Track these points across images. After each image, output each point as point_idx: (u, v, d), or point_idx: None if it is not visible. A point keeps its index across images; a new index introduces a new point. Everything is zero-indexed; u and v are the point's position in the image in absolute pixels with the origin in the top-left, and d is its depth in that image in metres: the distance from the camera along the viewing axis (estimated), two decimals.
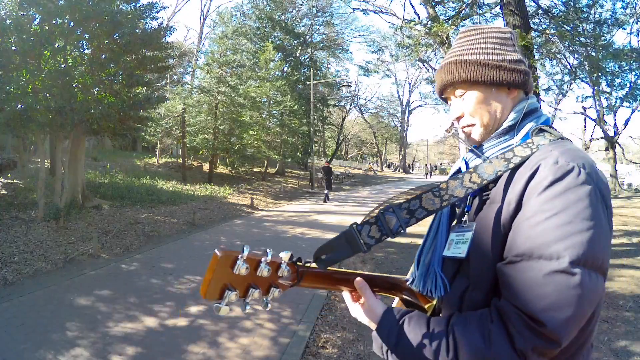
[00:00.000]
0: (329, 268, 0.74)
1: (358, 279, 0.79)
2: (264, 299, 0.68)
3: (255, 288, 0.65)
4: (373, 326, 0.76)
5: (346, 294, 0.85)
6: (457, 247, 0.77)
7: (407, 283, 0.87)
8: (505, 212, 0.68)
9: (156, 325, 3.35)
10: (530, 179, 0.66)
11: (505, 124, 0.79)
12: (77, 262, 5.18)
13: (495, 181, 0.73)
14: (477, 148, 0.83)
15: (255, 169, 20.49)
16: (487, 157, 0.79)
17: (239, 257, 0.62)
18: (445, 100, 0.89)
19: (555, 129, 0.76)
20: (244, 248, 0.63)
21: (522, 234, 0.64)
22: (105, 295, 4.03)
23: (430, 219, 0.83)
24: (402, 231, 0.69)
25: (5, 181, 9.24)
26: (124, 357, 2.84)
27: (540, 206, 0.63)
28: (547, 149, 0.69)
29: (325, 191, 14.13)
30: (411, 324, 0.71)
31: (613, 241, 7.43)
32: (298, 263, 0.72)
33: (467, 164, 0.86)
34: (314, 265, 0.72)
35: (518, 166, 0.71)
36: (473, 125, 0.82)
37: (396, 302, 0.95)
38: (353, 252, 0.70)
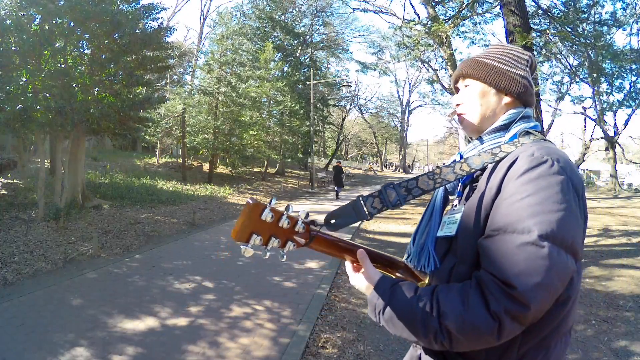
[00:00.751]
0: (336, 236, 0.87)
1: (360, 249, 0.89)
2: (281, 251, 0.80)
3: (276, 238, 0.76)
4: (370, 291, 0.86)
5: (348, 264, 0.95)
6: (449, 227, 0.88)
7: (404, 259, 0.98)
8: (487, 196, 0.79)
9: (156, 325, 3.35)
10: (509, 168, 0.77)
11: (499, 123, 0.91)
12: (77, 262, 5.18)
13: (482, 171, 0.86)
14: (479, 140, 0.95)
15: (255, 169, 20.50)
16: (483, 148, 0.91)
17: (267, 206, 0.74)
18: (457, 90, 1.02)
19: (541, 133, 0.88)
20: (272, 199, 0.76)
21: (499, 211, 0.74)
22: (105, 295, 4.03)
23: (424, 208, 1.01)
24: (400, 204, 0.81)
25: (5, 181, 9.24)
26: (124, 357, 2.84)
27: (516, 189, 0.73)
28: (528, 146, 0.81)
29: (336, 188, 15.06)
30: (402, 287, 0.80)
31: (613, 241, 7.43)
32: (312, 226, 0.82)
33: (461, 156, 0.96)
34: (324, 229, 0.83)
35: (502, 159, 0.82)
36: (465, 113, 0.96)
37: None
38: (358, 218, 0.82)
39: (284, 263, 5.42)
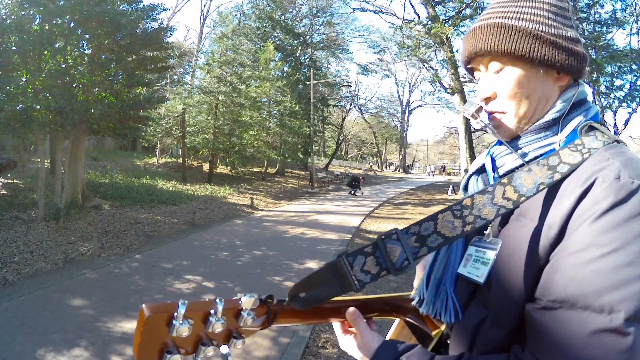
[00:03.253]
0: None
1: (351, 309, 0.65)
2: (226, 349, 0.51)
3: (208, 344, 0.50)
4: None
5: (336, 325, 0.70)
6: (476, 267, 0.61)
7: (413, 303, 0.72)
8: (544, 237, 0.53)
9: None
10: (581, 198, 0.50)
11: (548, 117, 0.62)
12: (77, 262, 5.18)
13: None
14: (509, 142, 0.65)
15: (255, 169, 20.50)
16: (525, 154, 0.62)
17: (174, 315, 0.48)
18: (471, 71, 0.70)
19: (608, 128, 0.62)
20: (179, 306, 0.47)
21: (565, 272, 0.49)
22: (105, 295, 4.03)
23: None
24: (408, 265, 0.52)
25: (5, 181, 9.24)
26: (124, 357, 2.84)
27: (595, 238, 0.48)
28: (604, 157, 0.53)
29: (351, 190, 16.51)
30: None
31: None
32: (269, 300, 0.57)
33: (493, 161, 0.69)
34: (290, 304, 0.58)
35: (565, 177, 0.54)
36: (504, 112, 0.64)
37: (397, 323, 0.84)
38: (341, 290, 0.54)
39: (284, 263, 5.43)
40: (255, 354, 2.94)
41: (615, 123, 18.22)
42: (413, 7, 15.91)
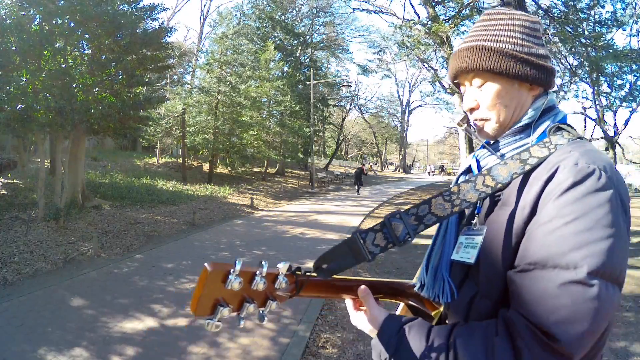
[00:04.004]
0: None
1: (362, 287, 0.76)
2: (260, 311, 0.64)
3: (250, 302, 0.61)
4: (374, 334, 0.73)
5: (348, 302, 0.81)
6: (466, 251, 0.72)
7: (415, 289, 0.82)
8: (518, 216, 0.64)
9: (156, 325, 3.35)
10: (547, 182, 0.62)
11: (522, 122, 0.74)
12: (77, 262, 5.18)
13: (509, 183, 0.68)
14: (490, 145, 0.78)
15: (255, 169, 20.50)
16: (503, 155, 0.74)
17: (231, 271, 0.58)
18: (458, 85, 0.82)
19: (573, 128, 0.72)
20: (237, 261, 0.58)
21: (536, 240, 0.60)
22: (105, 295, 4.03)
23: None
24: (410, 239, 0.64)
25: (5, 181, 9.24)
26: (124, 357, 2.84)
27: (558, 211, 0.59)
28: (566, 150, 0.65)
29: (356, 187, 17.17)
30: (411, 333, 0.67)
31: None
32: (297, 272, 0.68)
33: (478, 162, 0.80)
34: (314, 274, 0.69)
35: (534, 168, 0.66)
36: (487, 120, 0.76)
37: (401, 308, 0.93)
38: (356, 261, 0.65)
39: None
40: (255, 354, 2.94)
41: (615, 123, 18.21)
42: (413, 7, 15.91)
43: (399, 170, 43.09)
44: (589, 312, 0.54)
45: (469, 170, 0.82)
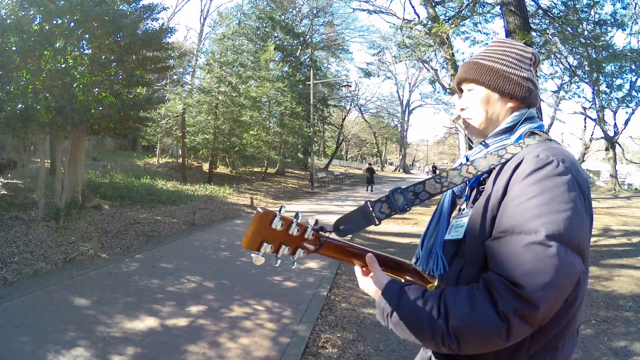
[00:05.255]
0: (345, 241, 0.90)
1: (369, 254, 0.90)
2: (291, 258, 0.82)
3: (286, 246, 0.78)
4: (378, 295, 0.86)
5: (357, 268, 0.95)
6: (456, 230, 0.88)
7: (412, 262, 0.99)
8: (493, 197, 0.79)
9: (156, 325, 3.35)
10: (515, 170, 0.77)
11: (504, 125, 0.91)
12: (77, 262, 5.18)
13: (488, 173, 0.85)
14: (484, 144, 0.96)
15: (255, 169, 20.50)
16: (489, 151, 0.91)
17: (277, 215, 0.76)
18: (460, 91, 1.01)
19: (546, 133, 0.87)
20: (282, 207, 0.78)
21: (506, 213, 0.74)
22: (105, 295, 4.03)
23: (433, 209, 1.02)
24: (408, 209, 0.83)
25: (5, 181, 9.24)
26: (124, 357, 2.84)
27: (522, 190, 0.73)
28: (533, 147, 0.81)
29: (367, 185, 18.45)
30: (410, 291, 0.80)
31: (613, 241, 7.42)
32: (321, 232, 0.84)
33: (467, 159, 0.96)
34: (333, 235, 0.86)
35: (507, 161, 0.82)
36: (470, 119, 0.96)
37: None
38: (366, 223, 0.84)
39: (283, 263, 5.41)
40: (255, 354, 2.94)
41: (615, 123, 18.19)
42: (413, 7, 15.91)
43: (399, 170, 43.07)
44: (550, 267, 0.66)
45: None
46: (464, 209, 0.93)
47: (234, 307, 3.82)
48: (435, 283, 0.93)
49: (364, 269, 0.94)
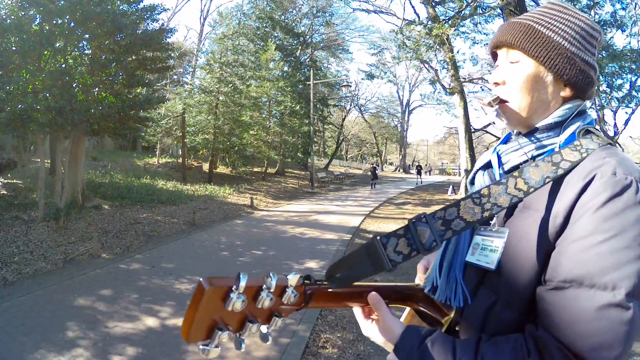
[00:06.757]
0: None
1: (373, 293, 0.68)
2: (265, 330, 0.55)
3: (254, 322, 0.53)
4: (389, 347, 0.67)
5: (357, 310, 0.73)
6: (485, 255, 0.67)
7: (425, 290, 0.76)
8: (551, 225, 0.60)
9: (156, 325, 3.35)
10: (583, 190, 0.58)
11: (551, 119, 0.69)
12: (77, 262, 5.18)
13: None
14: (527, 138, 0.72)
15: (255, 169, 20.50)
16: (529, 152, 0.70)
17: (233, 289, 0.49)
18: (494, 57, 0.77)
19: (602, 132, 0.69)
20: (240, 277, 0.49)
21: (572, 256, 0.56)
22: (105, 295, 4.03)
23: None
24: (436, 246, 0.58)
25: (5, 181, 9.24)
26: (124, 357, 2.84)
27: (596, 226, 0.55)
28: (600, 156, 0.61)
29: (372, 182, 20.19)
30: (434, 349, 0.61)
31: None
32: (306, 281, 0.60)
33: (499, 157, 0.75)
34: (325, 283, 0.62)
35: (567, 172, 0.61)
36: (507, 101, 0.71)
37: (406, 313, 0.87)
38: (375, 270, 0.58)
39: (284, 263, 5.43)
40: (255, 354, 2.94)
41: (615, 123, 18.20)
42: (413, 7, 15.91)
43: (399, 170, 43.10)
44: (623, 337, 0.52)
45: (488, 165, 0.78)
46: (493, 224, 0.70)
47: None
48: (452, 315, 0.74)
49: (365, 309, 0.72)
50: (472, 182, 0.82)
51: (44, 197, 6.91)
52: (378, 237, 0.58)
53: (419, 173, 26.00)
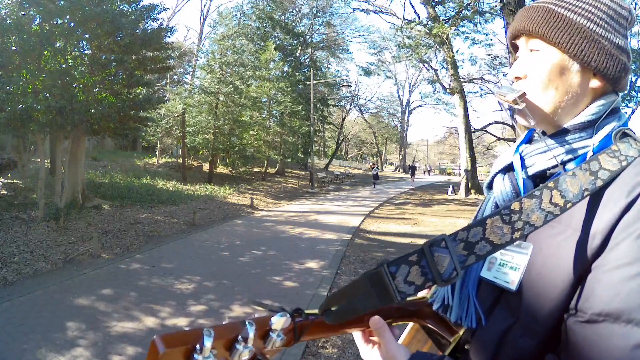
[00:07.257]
0: None
1: (375, 317, 0.59)
2: None
3: None
4: None
5: (356, 334, 0.64)
6: (503, 272, 0.59)
7: (434, 307, 0.68)
8: (589, 248, 0.51)
9: (156, 325, 3.35)
10: (626, 210, 0.49)
11: (583, 118, 0.60)
12: (77, 262, 5.18)
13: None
14: (555, 140, 0.62)
15: (255, 169, 20.50)
16: (558, 155, 0.60)
17: (196, 349, 0.38)
18: (515, 48, 0.68)
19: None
20: (205, 334, 0.38)
21: (610, 287, 0.48)
22: (105, 295, 4.03)
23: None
24: (456, 275, 0.47)
25: (5, 181, 9.24)
26: (124, 357, 2.84)
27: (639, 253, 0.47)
28: None
29: (374, 181, 21.67)
30: None
31: None
32: (295, 314, 0.51)
33: (522, 160, 0.65)
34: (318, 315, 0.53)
35: (607, 184, 0.52)
36: (531, 94, 0.62)
37: (410, 327, 0.79)
38: (380, 302, 0.48)
39: (284, 263, 5.43)
40: None
41: None
42: (413, 7, 15.93)
43: (398, 170, 43.11)
44: None
45: (509, 168, 0.68)
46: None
47: (233, 307, 3.83)
48: (461, 333, 0.66)
49: (366, 332, 0.64)
50: (490, 187, 0.71)
51: (44, 197, 6.91)
52: (386, 264, 0.47)
53: (412, 174, 25.74)
